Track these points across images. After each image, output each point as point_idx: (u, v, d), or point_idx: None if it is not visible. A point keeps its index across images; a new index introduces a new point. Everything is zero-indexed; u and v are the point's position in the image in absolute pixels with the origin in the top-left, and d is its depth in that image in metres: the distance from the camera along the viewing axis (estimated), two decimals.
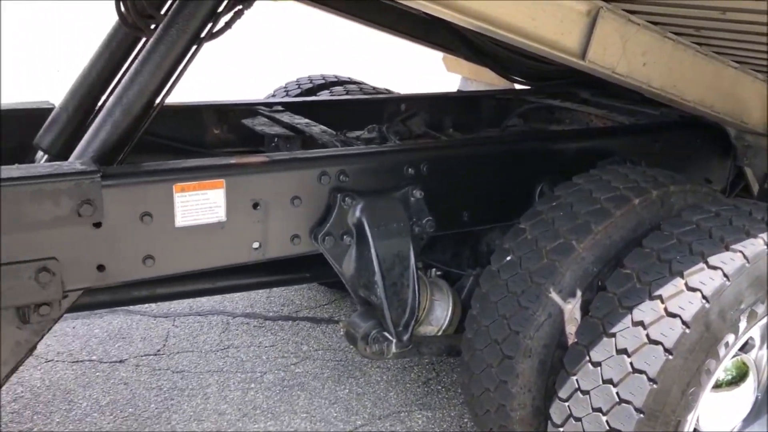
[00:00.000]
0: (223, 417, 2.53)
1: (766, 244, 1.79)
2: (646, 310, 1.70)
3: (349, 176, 2.02)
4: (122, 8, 2.17)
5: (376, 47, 11.99)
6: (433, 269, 2.37)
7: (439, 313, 2.26)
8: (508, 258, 2.01)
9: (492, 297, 1.99)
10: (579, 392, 1.76)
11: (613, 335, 1.73)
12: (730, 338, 1.73)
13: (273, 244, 1.97)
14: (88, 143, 1.86)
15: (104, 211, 1.68)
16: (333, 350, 3.02)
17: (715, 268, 1.72)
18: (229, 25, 1.99)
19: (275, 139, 2.45)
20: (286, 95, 3.50)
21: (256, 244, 1.94)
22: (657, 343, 1.65)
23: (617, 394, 1.67)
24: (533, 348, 1.89)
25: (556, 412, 1.83)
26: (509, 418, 1.93)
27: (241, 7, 1.98)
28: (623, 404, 1.66)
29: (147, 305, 3.27)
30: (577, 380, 1.77)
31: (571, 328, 1.90)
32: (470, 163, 2.27)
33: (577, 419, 1.76)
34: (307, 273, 2.58)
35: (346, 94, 3.39)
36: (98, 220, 1.69)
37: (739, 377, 1.96)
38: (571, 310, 1.90)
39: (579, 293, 1.91)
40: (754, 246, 1.77)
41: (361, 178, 2.04)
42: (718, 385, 1.89)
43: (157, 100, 1.93)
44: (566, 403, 1.79)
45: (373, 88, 3.52)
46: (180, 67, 1.93)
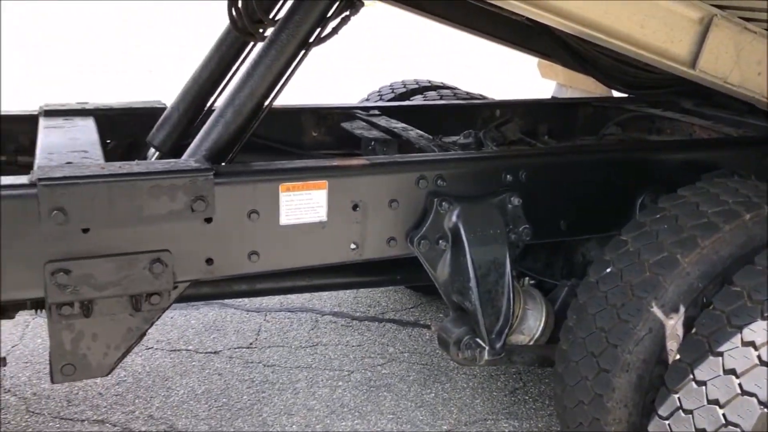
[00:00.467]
0: (312, 413, 2.59)
1: None
2: (757, 330, 1.63)
3: (446, 181, 2.03)
4: (234, 13, 2.27)
5: (467, 52, 11.98)
6: (526, 278, 2.35)
7: (532, 323, 2.23)
8: (608, 270, 1.96)
9: (590, 309, 1.95)
10: (681, 411, 1.70)
11: (720, 354, 1.66)
12: None
13: (370, 246, 2.00)
14: (201, 142, 1.94)
15: (215, 207, 1.76)
16: (419, 354, 3.03)
17: None
18: (335, 31, 2.04)
19: (372, 143, 2.49)
20: (380, 99, 3.55)
21: (354, 245, 1.98)
22: None
23: (723, 416, 1.61)
24: (632, 363, 1.85)
25: (655, 430, 1.77)
26: None
27: (348, 14, 2.02)
28: (730, 427, 1.59)
29: (239, 300, 3.39)
30: (679, 398, 1.72)
31: (672, 345, 1.84)
32: (570, 172, 2.24)
33: None
34: (398, 275, 2.61)
35: (440, 99, 3.40)
36: (209, 216, 1.77)
37: None
38: (674, 326, 1.84)
39: (682, 309, 1.84)
40: None
41: (459, 183, 2.05)
42: None
43: (266, 103, 2.00)
44: (666, 422, 1.74)
45: (467, 93, 3.52)
46: (288, 71, 1.99)
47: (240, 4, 2.25)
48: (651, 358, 1.85)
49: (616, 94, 3.48)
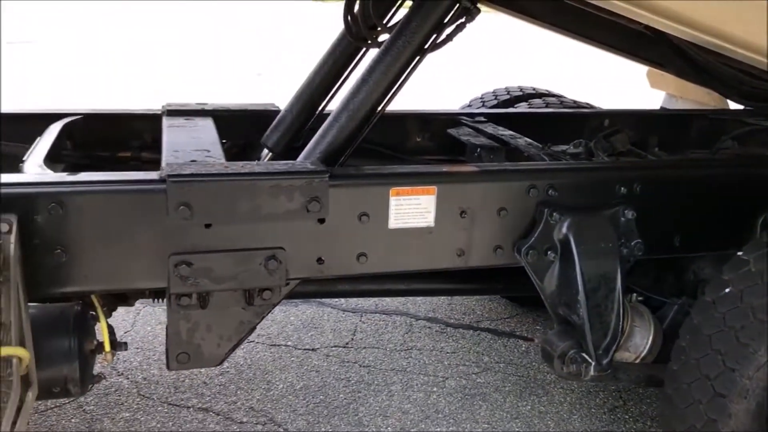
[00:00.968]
0: (407, 416, 2.60)
1: None
2: None
3: (557, 191, 2.00)
4: (349, 19, 2.32)
5: (569, 60, 11.75)
6: (634, 294, 2.27)
7: (639, 340, 2.17)
8: (727, 290, 1.87)
9: (705, 329, 1.87)
10: None
11: None
12: None
13: (476, 253, 2.00)
14: (316, 145, 2.00)
15: (329, 208, 1.81)
16: (514, 365, 2.99)
17: None
18: (450, 38, 2.05)
19: (478, 150, 2.48)
20: (483, 106, 3.53)
21: (460, 252, 1.98)
22: None
23: None
24: (750, 389, 1.76)
25: None
26: None
27: (463, 20, 2.03)
28: None
29: (336, 299, 3.45)
30: None
31: None
32: (686, 186, 2.16)
33: None
34: (499, 284, 2.59)
35: (546, 106, 3.35)
36: (323, 217, 1.82)
37: None
38: None
39: None
40: None
41: (570, 194, 2.01)
42: None
43: (379, 108, 2.04)
44: None
45: (574, 102, 3.45)
46: (402, 77, 2.02)
47: (356, 11, 2.30)
48: None
49: (733, 106, 3.32)
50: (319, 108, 2.50)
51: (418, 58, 2.02)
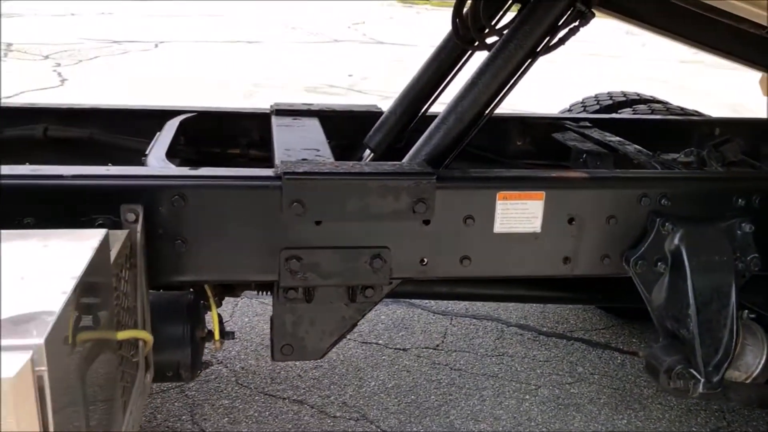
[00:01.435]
0: (499, 422, 2.58)
1: None
2: None
3: (671, 201, 1.93)
4: (457, 22, 2.32)
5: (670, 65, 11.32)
6: (745, 311, 2.17)
7: (750, 360, 2.06)
8: None
9: None
10: None
11: None
12: None
13: (582, 261, 1.96)
14: (422, 146, 2.01)
15: (434, 210, 1.82)
16: (609, 377, 2.92)
17: None
18: (563, 41, 2.02)
19: (584, 155, 2.43)
20: (584, 111, 3.46)
21: (566, 259, 1.95)
22: None
23: None
24: None
25: None
26: None
27: (577, 24, 2.00)
28: None
29: (426, 301, 3.46)
30: None
31: None
32: None
33: None
34: (599, 294, 2.53)
35: (651, 113, 3.25)
36: (428, 218, 1.83)
37: None
38: None
39: None
40: None
41: (685, 204, 1.95)
42: None
43: (486, 111, 2.03)
44: None
45: (680, 109, 3.33)
46: (512, 80, 2.01)
47: (464, 13, 2.31)
48: None
49: None
50: (422, 110, 2.52)
51: (529, 61, 2.00)
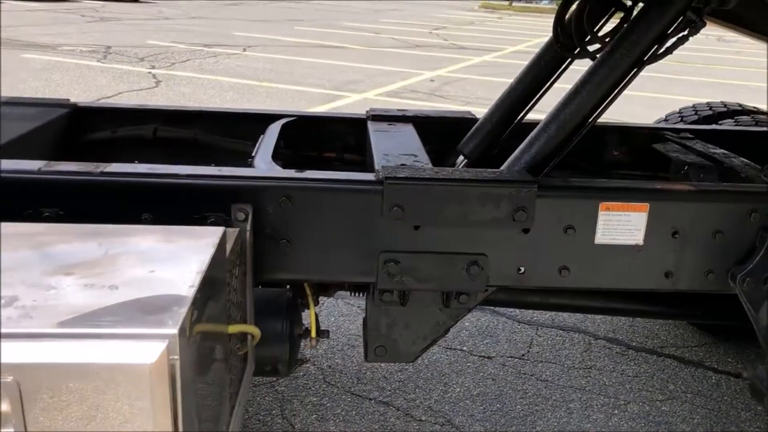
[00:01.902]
0: None
1: None
2: None
3: None
4: (558, 29, 2.30)
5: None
6: None
7: None
8: None
9: None
10: None
11: None
12: None
13: (685, 276, 1.91)
14: (521, 154, 2.00)
15: (534, 219, 1.81)
16: (704, 396, 2.81)
17: None
18: (670, 51, 1.97)
19: (685, 167, 2.36)
20: (681, 122, 3.35)
21: (668, 273, 1.90)
22: None
23: None
24: None
25: None
26: None
27: (686, 33, 1.94)
28: None
29: (511, 309, 3.43)
30: None
31: None
32: None
33: None
34: (698, 310, 2.44)
35: (755, 124, 3.12)
36: (528, 227, 1.82)
37: None
38: None
39: None
40: None
41: None
42: None
43: (589, 120, 2.00)
44: None
45: None
46: (617, 89, 1.97)
47: (566, 20, 2.28)
48: None
49: None
50: (518, 117, 2.50)
51: (635, 70, 1.96)
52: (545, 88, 2.47)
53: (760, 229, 1.86)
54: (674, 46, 1.97)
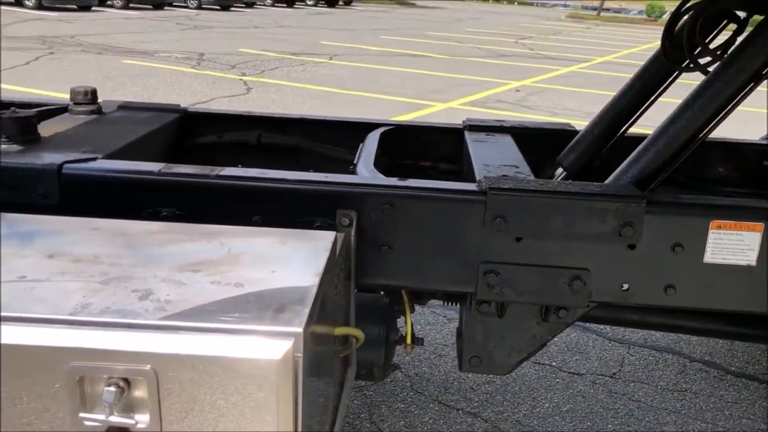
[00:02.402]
0: None
1: None
2: None
3: None
4: (667, 42, 2.25)
5: None
6: None
7: None
8: None
9: None
10: None
11: None
12: None
13: None
14: (628, 168, 1.96)
15: (641, 234, 1.77)
16: None
17: None
18: None
19: None
20: None
21: None
22: None
23: None
24: None
25: None
26: None
27: None
28: None
29: (601, 326, 3.36)
30: None
31: None
32: None
33: None
34: None
35: None
36: (634, 243, 1.78)
37: None
38: None
39: None
40: None
41: None
42: None
43: (700, 135, 1.95)
44: None
45: None
46: (731, 104, 1.91)
47: (676, 32, 2.23)
48: None
49: None
50: (621, 131, 2.45)
51: (751, 84, 1.89)
52: (651, 100, 2.41)
53: None
54: None
